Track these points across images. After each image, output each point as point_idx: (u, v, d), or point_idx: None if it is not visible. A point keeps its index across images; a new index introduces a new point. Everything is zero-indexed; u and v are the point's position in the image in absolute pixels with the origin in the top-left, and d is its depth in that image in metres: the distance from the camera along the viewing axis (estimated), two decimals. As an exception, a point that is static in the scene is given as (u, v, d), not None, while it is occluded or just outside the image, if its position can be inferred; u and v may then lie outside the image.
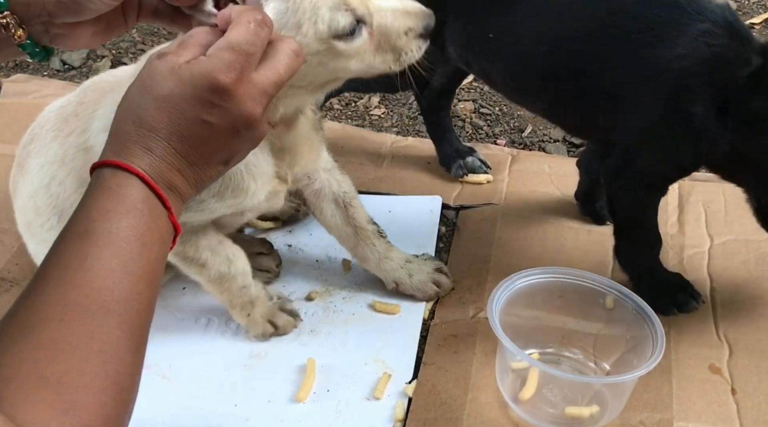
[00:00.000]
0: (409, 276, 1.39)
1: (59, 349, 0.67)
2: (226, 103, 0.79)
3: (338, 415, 1.21)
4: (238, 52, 0.79)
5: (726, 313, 1.37)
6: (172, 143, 0.78)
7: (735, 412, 1.21)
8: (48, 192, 1.24)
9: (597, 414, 1.18)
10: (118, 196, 0.75)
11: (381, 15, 1.02)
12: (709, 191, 1.61)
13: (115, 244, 0.73)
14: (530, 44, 1.25)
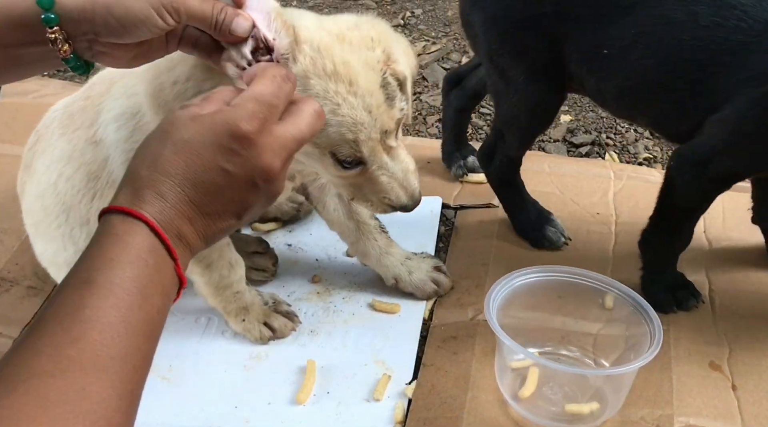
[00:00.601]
0: (409, 273, 1.40)
1: (46, 406, 0.63)
2: (245, 152, 0.77)
3: (338, 416, 1.21)
4: (262, 103, 0.79)
5: (725, 313, 1.37)
6: (186, 190, 0.77)
7: (736, 407, 1.21)
8: (55, 190, 1.24)
9: (597, 411, 1.18)
10: (123, 243, 0.73)
11: (381, 171, 1.05)
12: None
13: (115, 295, 0.71)
14: (645, 57, 1.23)
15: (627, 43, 1.22)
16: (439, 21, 2.22)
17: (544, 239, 1.50)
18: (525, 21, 1.28)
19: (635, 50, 1.22)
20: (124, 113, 1.14)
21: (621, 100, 1.31)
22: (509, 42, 1.32)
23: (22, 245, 1.49)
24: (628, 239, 1.51)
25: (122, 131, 1.14)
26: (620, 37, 1.22)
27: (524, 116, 1.40)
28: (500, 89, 1.39)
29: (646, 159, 1.76)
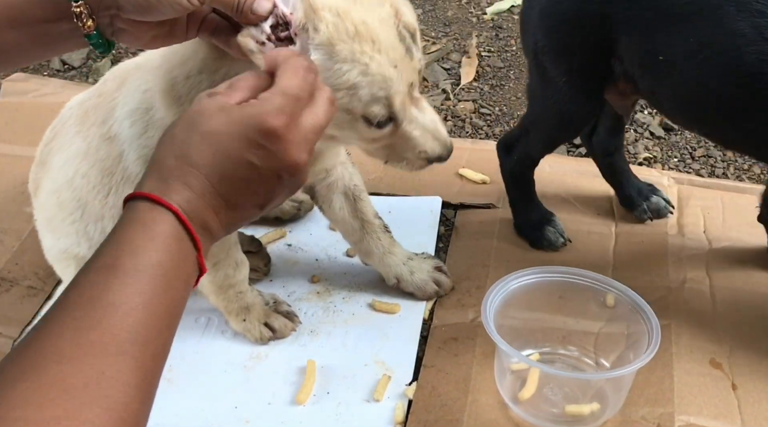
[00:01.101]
0: (411, 273, 1.40)
1: (65, 390, 0.64)
2: (273, 147, 0.78)
3: (338, 417, 1.21)
4: (288, 96, 0.79)
5: (726, 311, 1.38)
6: (212, 181, 0.77)
7: (736, 407, 1.21)
8: (71, 186, 1.24)
9: (598, 411, 1.18)
10: (149, 231, 0.74)
11: (412, 126, 1.04)
12: (707, 197, 1.61)
13: (139, 281, 0.71)
14: (705, 68, 1.18)
15: (685, 51, 1.18)
16: (439, 21, 2.22)
17: (543, 239, 1.50)
18: (573, 18, 1.25)
19: (694, 60, 1.18)
20: (138, 109, 1.14)
21: (680, 109, 1.28)
22: (555, 39, 1.29)
23: (22, 245, 1.49)
24: (628, 240, 1.51)
25: (136, 127, 1.15)
26: (678, 44, 1.18)
27: (555, 120, 1.39)
28: (537, 89, 1.38)
29: (646, 159, 1.76)
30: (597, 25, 1.23)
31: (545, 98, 1.36)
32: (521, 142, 1.45)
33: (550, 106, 1.36)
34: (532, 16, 1.31)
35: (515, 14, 2.23)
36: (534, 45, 1.32)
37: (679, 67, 1.19)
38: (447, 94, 1.95)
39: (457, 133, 1.83)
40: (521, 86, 1.97)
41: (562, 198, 1.61)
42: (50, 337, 0.67)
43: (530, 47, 1.34)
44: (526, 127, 1.45)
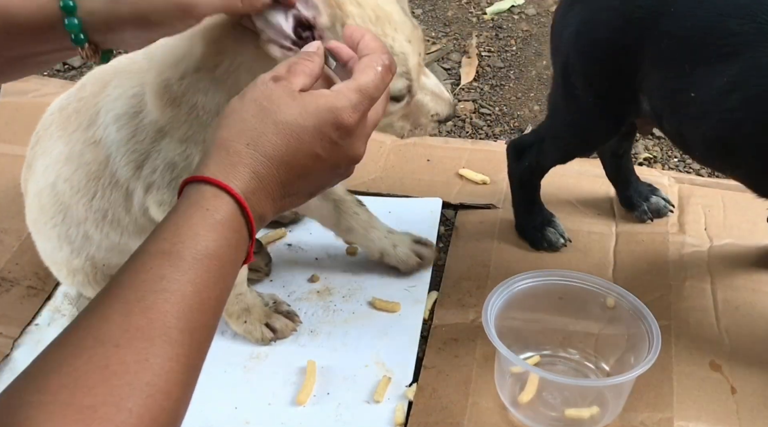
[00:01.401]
0: (394, 247, 1.42)
1: (106, 377, 0.63)
2: (342, 142, 0.79)
3: (338, 418, 1.22)
4: (365, 95, 0.80)
5: (727, 309, 1.38)
6: (279, 171, 0.77)
7: (734, 412, 1.21)
8: (53, 190, 1.24)
9: (597, 415, 1.18)
10: (211, 219, 0.73)
11: (423, 93, 1.06)
12: (708, 196, 1.61)
13: (194, 269, 0.70)
14: (739, 109, 1.14)
15: (719, 90, 1.15)
16: (439, 21, 2.22)
17: (544, 239, 1.49)
18: (608, 47, 1.24)
19: (728, 100, 1.15)
20: (125, 114, 1.14)
21: (709, 149, 1.24)
22: (587, 63, 1.27)
23: (22, 245, 1.49)
24: (629, 239, 1.51)
25: (123, 131, 1.14)
26: (711, 83, 1.15)
27: (576, 136, 1.38)
28: (562, 103, 1.36)
29: (646, 159, 1.75)
30: (628, 58, 1.22)
31: (569, 113, 1.35)
32: (534, 150, 1.44)
33: (572, 122, 1.36)
34: (566, 34, 1.29)
35: (515, 14, 2.23)
36: (565, 62, 1.31)
37: (711, 105, 1.16)
38: (447, 93, 1.95)
39: (457, 133, 1.83)
40: (521, 86, 1.97)
41: (563, 198, 1.61)
42: (99, 319, 0.67)
43: (560, 63, 1.33)
44: (542, 136, 1.44)
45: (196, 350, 0.70)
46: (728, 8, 1.13)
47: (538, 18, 2.22)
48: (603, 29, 1.24)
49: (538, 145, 1.44)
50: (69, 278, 1.33)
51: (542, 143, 1.43)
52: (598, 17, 1.24)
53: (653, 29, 1.18)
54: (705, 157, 1.30)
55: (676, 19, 1.16)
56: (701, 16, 1.15)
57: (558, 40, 1.33)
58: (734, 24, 1.13)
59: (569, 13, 1.29)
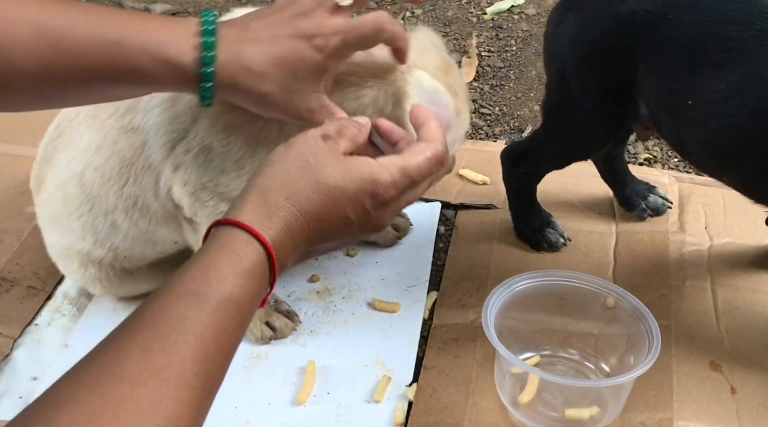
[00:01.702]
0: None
1: (118, 415, 0.63)
2: (374, 212, 0.82)
3: (338, 418, 1.22)
4: (407, 176, 0.83)
5: (727, 309, 1.38)
6: (310, 227, 0.80)
7: (734, 412, 1.21)
8: (80, 180, 1.24)
9: (597, 415, 1.18)
10: (242, 267, 0.74)
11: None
12: (708, 195, 1.61)
13: (217, 314, 0.71)
14: (737, 115, 1.14)
15: (716, 97, 1.15)
16: (439, 21, 2.22)
17: (543, 240, 1.49)
18: (605, 52, 1.23)
19: (726, 106, 1.14)
20: (171, 97, 1.16)
21: (706, 155, 1.24)
22: (584, 68, 1.27)
23: (22, 245, 1.49)
24: (629, 239, 1.51)
25: (166, 114, 1.16)
26: (709, 89, 1.15)
27: (572, 145, 1.38)
28: (557, 109, 1.36)
29: (646, 159, 1.76)
30: (625, 64, 1.21)
31: (565, 120, 1.35)
32: (530, 157, 1.44)
33: (569, 128, 1.35)
34: (561, 39, 1.29)
35: (515, 14, 2.23)
36: (560, 70, 1.30)
37: (709, 112, 1.16)
38: (447, 93, 1.95)
39: (458, 133, 1.83)
40: (521, 86, 1.97)
41: (562, 198, 1.61)
42: (117, 354, 0.67)
43: (555, 71, 1.32)
44: (538, 143, 1.43)
45: (207, 394, 0.70)
46: (726, 15, 1.13)
47: (538, 18, 2.22)
48: (600, 35, 1.23)
49: (534, 153, 1.43)
50: (79, 271, 1.33)
51: (538, 150, 1.43)
52: (595, 23, 1.24)
53: (651, 35, 1.18)
54: (703, 163, 1.30)
55: (673, 25, 1.16)
56: (699, 23, 1.14)
57: (553, 47, 1.32)
58: (732, 30, 1.12)
59: (564, 21, 1.28)
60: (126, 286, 1.37)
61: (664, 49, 1.18)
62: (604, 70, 1.25)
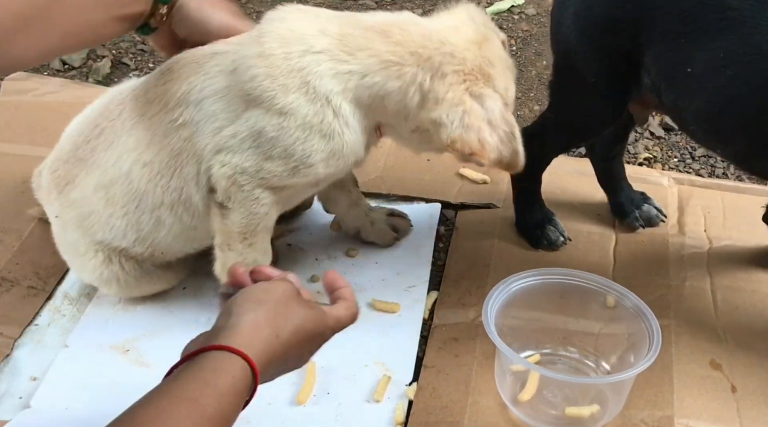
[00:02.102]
0: (372, 224, 1.49)
1: None
2: (319, 342, 1.02)
3: (338, 417, 1.21)
4: (341, 324, 1.04)
5: (727, 309, 1.38)
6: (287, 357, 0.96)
7: (735, 410, 1.22)
8: (127, 179, 1.25)
9: (597, 413, 1.18)
10: (236, 389, 0.86)
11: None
12: (708, 197, 1.61)
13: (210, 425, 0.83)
14: (733, 85, 1.16)
15: (714, 65, 1.16)
16: (440, 20, 2.22)
17: (543, 237, 1.50)
18: (607, 23, 1.25)
19: (722, 75, 1.16)
20: (224, 88, 1.19)
21: (702, 124, 1.25)
22: (587, 42, 1.28)
23: (23, 245, 1.49)
24: (628, 239, 1.52)
25: (218, 104, 1.20)
26: (706, 58, 1.17)
27: (579, 122, 1.39)
28: (563, 88, 1.37)
29: (646, 159, 1.76)
30: (628, 33, 1.23)
31: (572, 97, 1.36)
32: (537, 141, 1.43)
33: (575, 106, 1.36)
34: (565, 16, 1.30)
35: (515, 14, 2.23)
36: (565, 45, 1.31)
37: (706, 80, 1.18)
38: (447, 93, 1.94)
39: (458, 133, 1.83)
40: (521, 86, 1.97)
41: (563, 198, 1.61)
42: None
43: (561, 46, 1.34)
44: (544, 124, 1.44)
45: None
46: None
47: (538, 18, 2.22)
48: (602, 6, 1.25)
49: (540, 136, 1.43)
50: (101, 268, 1.34)
51: (545, 133, 1.43)
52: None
53: (651, 4, 1.20)
54: (698, 133, 1.30)
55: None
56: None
57: (558, 26, 1.33)
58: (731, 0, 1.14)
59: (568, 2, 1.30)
60: (141, 286, 1.37)
61: (665, 18, 1.19)
62: (607, 41, 1.26)
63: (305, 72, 1.15)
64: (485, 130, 1.14)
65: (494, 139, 1.15)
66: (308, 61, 1.16)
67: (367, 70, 1.16)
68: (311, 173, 1.20)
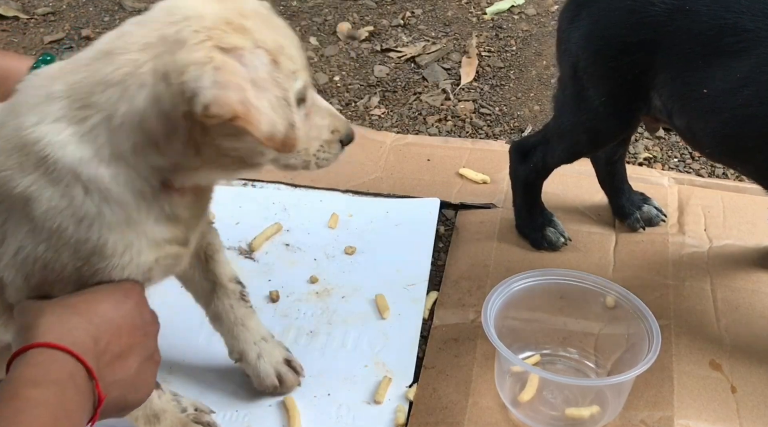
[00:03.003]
0: (258, 357, 1.25)
1: None
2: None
3: (339, 419, 1.22)
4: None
5: (727, 309, 1.38)
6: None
7: (735, 411, 1.22)
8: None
9: (597, 414, 1.18)
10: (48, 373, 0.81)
11: (318, 110, 1.00)
12: (708, 197, 1.61)
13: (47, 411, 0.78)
14: (752, 104, 1.17)
15: (731, 86, 1.17)
16: (439, 21, 2.22)
17: (544, 239, 1.50)
18: (622, 46, 1.25)
19: (740, 95, 1.17)
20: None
21: (719, 144, 1.25)
22: (599, 62, 1.28)
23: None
24: (628, 239, 1.51)
25: None
26: (723, 78, 1.17)
27: (584, 136, 1.38)
28: (570, 103, 1.36)
29: (646, 159, 1.75)
30: (641, 55, 1.23)
31: (578, 113, 1.35)
32: (539, 151, 1.44)
33: (581, 122, 1.35)
34: (574, 35, 1.30)
35: (515, 14, 2.23)
36: (574, 64, 1.31)
37: (723, 101, 1.18)
38: (447, 94, 1.95)
39: (457, 133, 1.83)
40: (521, 86, 1.97)
41: (563, 198, 1.60)
42: None
43: (569, 65, 1.33)
44: (547, 136, 1.44)
45: None
46: (742, 5, 1.16)
47: (538, 18, 2.22)
48: (616, 28, 1.25)
49: (543, 146, 1.43)
50: None
51: (548, 144, 1.43)
52: (611, 16, 1.25)
53: (668, 26, 1.20)
54: (714, 153, 1.31)
55: (691, 16, 1.18)
56: (716, 14, 1.17)
57: (566, 43, 1.33)
58: (748, 21, 1.15)
59: (578, 15, 1.29)
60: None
61: (680, 40, 1.20)
62: (618, 63, 1.26)
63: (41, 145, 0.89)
64: (249, 90, 0.86)
65: (263, 104, 0.87)
66: (43, 131, 0.89)
67: (111, 109, 0.89)
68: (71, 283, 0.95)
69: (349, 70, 2.04)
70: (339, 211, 1.59)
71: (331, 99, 1.92)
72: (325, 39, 2.15)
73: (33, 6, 2.27)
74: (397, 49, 2.10)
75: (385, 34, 2.16)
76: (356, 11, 2.25)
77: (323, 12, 2.26)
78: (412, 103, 1.92)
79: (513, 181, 1.51)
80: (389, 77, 2.00)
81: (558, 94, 1.40)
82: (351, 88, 1.97)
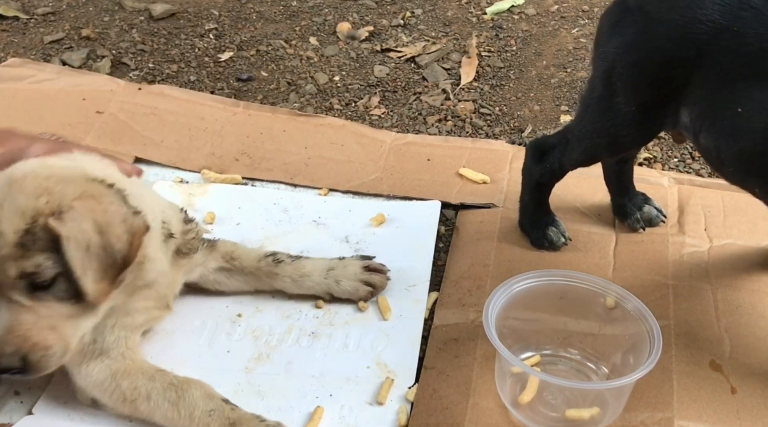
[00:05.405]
0: (337, 283, 1.38)
1: None
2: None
3: (342, 420, 1.22)
4: None
5: (727, 309, 1.38)
6: None
7: (735, 412, 1.22)
8: None
9: (597, 416, 1.18)
10: None
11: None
12: (708, 196, 1.61)
13: None
14: None
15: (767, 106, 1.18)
16: (439, 21, 2.22)
17: (544, 238, 1.50)
18: (663, 58, 1.24)
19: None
20: None
21: (745, 163, 1.25)
22: (636, 73, 1.28)
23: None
24: (629, 239, 1.52)
25: None
26: (761, 98, 1.17)
27: (604, 141, 1.37)
28: (597, 107, 1.36)
29: (646, 159, 1.76)
30: (680, 70, 1.23)
31: (603, 117, 1.34)
32: (557, 151, 1.44)
33: (605, 127, 1.35)
34: (615, 40, 1.29)
35: (515, 14, 2.23)
36: (609, 69, 1.30)
37: (755, 120, 1.18)
38: (447, 94, 1.95)
39: (457, 133, 1.83)
40: (521, 86, 1.97)
41: (563, 198, 1.60)
42: None
43: (603, 68, 1.32)
44: (567, 137, 1.43)
45: None
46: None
47: (538, 18, 2.22)
48: (659, 41, 1.24)
49: (562, 147, 1.43)
50: None
51: (567, 145, 1.42)
52: (657, 29, 1.24)
53: (713, 45, 1.19)
54: (737, 172, 1.29)
55: (738, 36, 1.18)
56: (763, 37, 1.16)
57: (604, 45, 1.32)
58: None
59: (621, 21, 1.29)
60: None
61: (723, 59, 1.19)
62: (656, 76, 1.26)
63: None
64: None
65: None
66: None
67: None
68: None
69: (349, 70, 2.04)
70: (340, 212, 1.59)
71: (331, 99, 1.92)
72: (325, 39, 2.15)
73: (33, 6, 2.27)
74: (397, 49, 2.10)
75: (385, 34, 2.17)
76: (356, 11, 2.25)
77: (323, 12, 2.26)
78: (412, 103, 1.92)
79: (525, 179, 1.51)
80: (389, 77, 2.00)
81: (585, 95, 1.39)
82: (351, 88, 1.97)
